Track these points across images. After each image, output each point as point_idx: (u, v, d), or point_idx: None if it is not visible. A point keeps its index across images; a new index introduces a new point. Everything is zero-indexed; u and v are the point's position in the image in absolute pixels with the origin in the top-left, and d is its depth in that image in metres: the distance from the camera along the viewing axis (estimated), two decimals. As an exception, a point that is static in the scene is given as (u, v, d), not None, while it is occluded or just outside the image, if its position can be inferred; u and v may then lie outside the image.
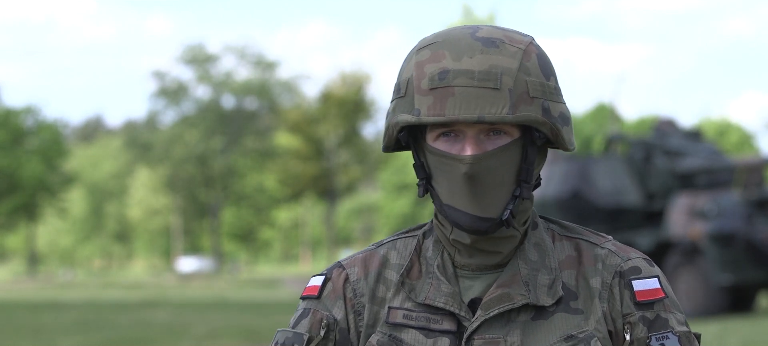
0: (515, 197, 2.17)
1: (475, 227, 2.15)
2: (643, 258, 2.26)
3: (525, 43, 2.17)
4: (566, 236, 2.29)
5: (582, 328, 2.19)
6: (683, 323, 2.22)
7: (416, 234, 2.31)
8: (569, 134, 2.21)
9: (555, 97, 2.18)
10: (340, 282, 2.29)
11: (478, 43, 2.13)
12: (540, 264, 2.22)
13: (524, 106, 2.12)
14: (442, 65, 2.12)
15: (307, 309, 2.29)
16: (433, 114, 2.11)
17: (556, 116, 2.17)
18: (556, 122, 2.16)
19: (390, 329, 2.23)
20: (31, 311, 29.59)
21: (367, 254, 2.32)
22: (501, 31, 2.18)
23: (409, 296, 2.23)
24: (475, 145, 2.13)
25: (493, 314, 2.18)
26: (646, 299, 2.21)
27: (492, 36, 2.15)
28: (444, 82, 2.11)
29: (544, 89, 2.16)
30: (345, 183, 74.97)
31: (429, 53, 2.15)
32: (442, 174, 2.16)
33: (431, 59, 2.14)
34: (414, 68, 2.15)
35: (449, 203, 2.16)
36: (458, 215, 2.15)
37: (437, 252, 2.25)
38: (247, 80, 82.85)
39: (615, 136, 26.74)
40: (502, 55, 2.13)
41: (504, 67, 2.12)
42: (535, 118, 2.13)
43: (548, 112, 2.15)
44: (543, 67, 2.17)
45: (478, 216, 2.14)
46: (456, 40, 2.15)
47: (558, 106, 2.18)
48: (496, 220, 2.16)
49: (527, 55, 2.15)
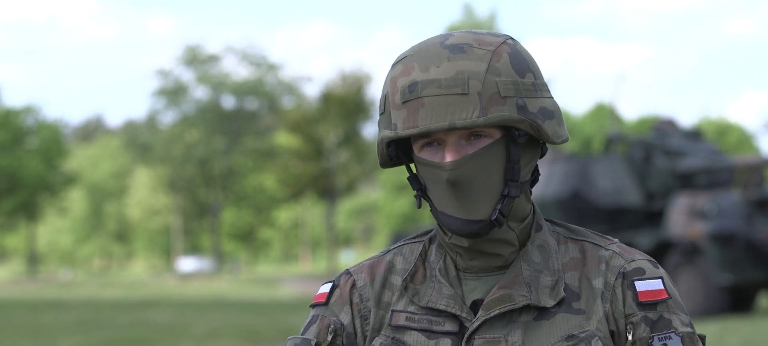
0: (504, 197, 2.19)
1: (466, 231, 2.18)
2: (647, 260, 2.26)
3: (495, 44, 2.18)
4: (571, 239, 2.30)
5: (583, 328, 2.20)
6: (687, 325, 2.22)
7: (422, 240, 2.35)
8: (554, 127, 2.21)
9: (532, 93, 2.18)
10: (347, 288, 2.34)
11: (446, 51, 2.16)
12: (543, 266, 2.24)
13: (496, 107, 2.13)
14: (412, 78, 2.16)
15: (315, 316, 2.34)
16: (408, 127, 2.15)
17: (535, 112, 2.17)
18: (535, 118, 2.17)
19: (393, 331, 2.27)
20: (31, 311, 29.59)
21: (375, 261, 2.36)
22: (472, 35, 2.19)
23: (412, 299, 2.27)
24: (454, 151, 2.16)
25: (494, 314, 2.20)
26: (649, 299, 2.21)
27: (460, 42, 2.17)
28: (414, 94, 2.15)
29: (518, 87, 2.16)
30: (345, 183, 74.98)
31: (401, 68, 2.19)
32: (430, 183, 2.20)
33: (402, 73, 2.17)
34: (389, 84, 2.20)
35: (441, 209, 2.20)
36: (450, 221, 2.19)
37: (440, 256, 2.29)
38: (246, 80, 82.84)
39: (615, 136, 26.74)
40: (469, 59, 2.15)
41: (471, 72, 2.14)
42: (508, 118, 2.14)
43: (524, 109, 2.16)
44: (516, 65, 2.18)
45: (467, 219, 2.17)
46: (425, 51, 2.18)
47: (536, 102, 2.18)
48: (486, 221, 2.18)
49: (497, 55, 2.17)
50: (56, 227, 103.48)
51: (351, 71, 74.45)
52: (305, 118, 73.98)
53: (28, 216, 78.13)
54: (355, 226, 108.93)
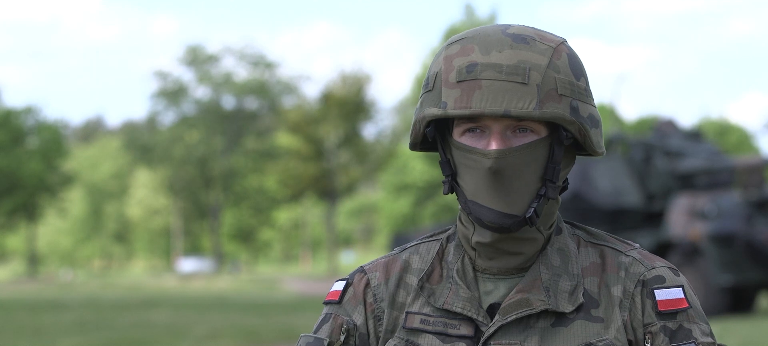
0: (540, 196, 2.14)
1: (499, 223, 2.12)
2: (668, 267, 2.22)
3: (556, 43, 2.15)
4: (591, 243, 2.25)
5: (601, 336, 2.16)
6: (708, 334, 2.18)
7: (440, 238, 2.29)
8: (598, 137, 2.18)
9: (584, 98, 2.15)
10: (360, 287, 2.29)
11: (508, 39, 2.12)
12: (562, 270, 2.19)
13: (552, 103, 2.10)
14: (471, 59, 2.10)
15: (328, 314, 2.29)
16: (460, 107, 2.09)
17: (585, 117, 2.15)
18: (584, 123, 2.14)
19: (407, 334, 2.22)
20: (31, 312, 29.57)
21: (390, 259, 2.30)
22: (532, 29, 2.17)
23: (428, 300, 2.22)
24: (500, 140, 2.11)
25: (511, 320, 2.15)
26: (668, 308, 2.17)
27: (523, 33, 2.14)
28: (471, 75, 2.09)
29: (574, 88, 2.13)
30: (345, 184, 74.95)
31: (458, 48, 2.14)
32: (466, 169, 2.14)
33: (460, 53, 2.12)
34: (442, 62, 2.14)
35: (474, 199, 2.13)
36: (482, 211, 2.13)
37: (458, 256, 2.23)
38: (247, 80, 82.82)
39: (615, 137, 26.73)
40: (531, 51, 2.11)
41: (533, 63, 2.10)
42: (562, 116, 2.11)
43: (577, 111, 2.13)
44: (573, 67, 2.15)
45: (502, 212, 2.12)
46: (486, 36, 2.13)
47: (587, 108, 2.16)
48: (520, 217, 2.13)
49: (558, 53, 2.14)
50: (56, 228, 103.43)
51: (351, 72, 74.44)
52: (306, 118, 73.94)
53: (28, 216, 78.11)
54: (356, 226, 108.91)
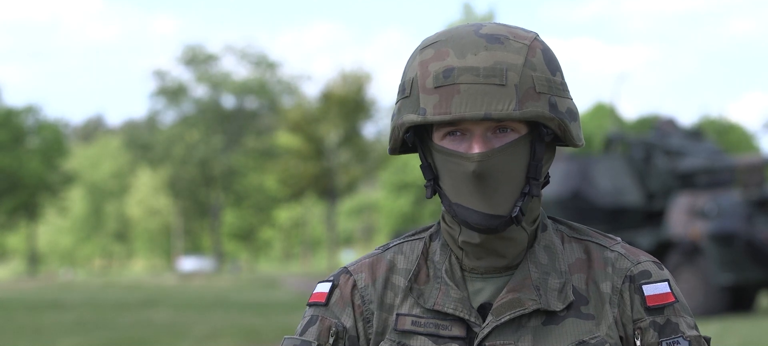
0: (524, 194, 2.14)
1: (485, 225, 2.11)
2: (652, 261, 2.23)
3: (529, 39, 2.14)
4: (575, 238, 2.26)
5: (593, 333, 2.17)
6: (693, 327, 2.21)
7: (423, 237, 2.28)
8: (577, 130, 2.18)
9: (562, 92, 2.15)
10: (347, 289, 2.26)
11: (482, 40, 2.10)
12: (550, 267, 2.19)
13: (531, 102, 2.09)
14: (447, 63, 2.09)
15: (315, 316, 2.26)
16: (439, 113, 2.08)
17: (564, 112, 2.14)
18: (563, 118, 2.14)
19: (399, 336, 2.20)
20: (31, 311, 29.58)
21: (374, 259, 2.28)
22: (505, 27, 2.15)
23: (417, 301, 2.20)
24: (482, 143, 2.10)
25: (504, 320, 2.15)
26: (656, 303, 2.19)
27: (496, 32, 2.12)
28: (449, 79, 2.08)
29: (551, 85, 2.12)
30: (345, 183, 74.93)
31: (433, 52, 2.12)
32: (449, 173, 2.13)
33: (435, 57, 2.11)
34: (418, 67, 2.12)
35: (458, 201, 2.13)
36: (468, 213, 2.12)
37: (445, 256, 2.22)
38: (246, 80, 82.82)
39: (615, 136, 26.73)
40: (506, 51, 2.10)
41: (509, 63, 2.09)
42: (542, 114, 2.10)
43: (555, 107, 2.12)
44: (548, 62, 2.14)
45: (488, 214, 2.11)
46: (459, 38, 2.12)
47: (565, 102, 2.15)
48: (507, 217, 2.12)
49: (532, 50, 2.12)
50: (56, 227, 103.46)
51: (351, 71, 74.41)
52: (305, 117, 73.91)
53: (29, 216, 78.12)
54: (356, 226, 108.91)
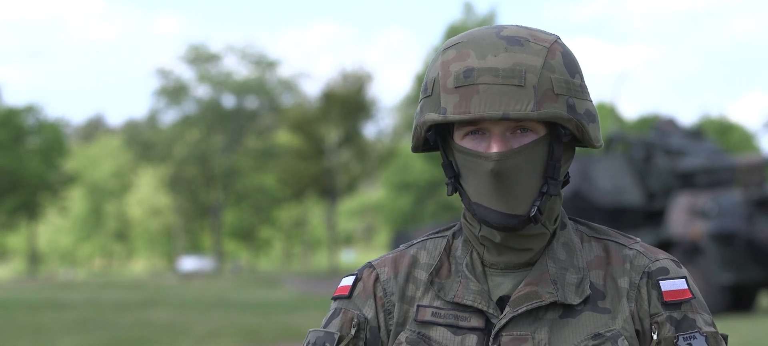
0: (542, 194, 2.19)
1: (504, 224, 2.17)
2: (671, 259, 2.28)
3: (550, 42, 2.19)
4: (595, 238, 2.31)
5: (609, 327, 2.21)
6: (710, 324, 2.25)
7: (446, 234, 2.34)
8: (595, 131, 2.23)
9: (580, 94, 2.20)
10: (370, 282, 2.33)
11: (503, 42, 2.16)
12: (568, 263, 2.25)
13: (549, 103, 2.14)
14: (467, 64, 2.15)
15: (338, 309, 2.33)
16: (459, 112, 2.14)
17: (582, 113, 2.19)
18: (581, 119, 2.18)
19: (419, 326, 2.26)
20: (31, 311, 29.57)
21: (397, 255, 2.35)
22: (526, 30, 2.20)
23: (438, 294, 2.26)
24: (501, 142, 2.15)
25: (521, 312, 2.20)
26: (673, 299, 2.23)
27: (516, 35, 2.18)
28: (469, 80, 2.14)
29: (569, 86, 2.17)
30: (346, 182, 74.91)
31: (454, 53, 2.18)
32: (469, 172, 2.19)
33: (456, 58, 2.16)
34: (440, 68, 2.18)
35: (477, 200, 2.19)
36: (487, 213, 2.18)
37: (466, 251, 2.28)
38: (247, 79, 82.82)
39: (616, 136, 26.74)
40: (526, 53, 2.15)
41: (528, 65, 2.14)
42: (560, 115, 2.15)
43: (573, 109, 2.17)
44: (568, 64, 2.19)
45: (506, 213, 2.17)
46: (480, 39, 2.17)
47: (584, 104, 2.20)
48: (524, 217, 2.18)
49: (552, 52, 2.18)
50: (57, 227, 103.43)
51: (352, 70, 74.40)
52: (306, 117, 73.86)
53: (29, 215, 78.10)
54: (356, 225, 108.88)
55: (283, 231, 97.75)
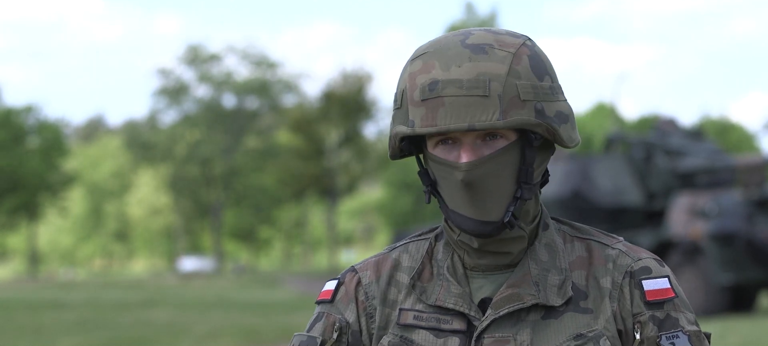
0: (517, 199, 2.19)
1: (479, 231, 2.18)
2: (653, 258, 2.27)
3: (516, 46, 2.18)
4: (577, 237, 2.31)
5: (591, 327, 2.21)
6: (693, 323, 2.24)
7: (428, 237, 2.35)
8: (569, 132, 2.22)
9: (550, 96, 2.18)
10: (352, 286, 2.34)
11: (467, 51, 2.15)
12: (550, 265, 2.25)
13: (515, 110, 2.14)
14: (432, 76, 2.15)
15: (321, 313, 2.34)
16: (426, 125, 2.14)
17: (552, 116, 2.18)
18: (551, 122, 2.17)
19: (401, 330, 2.27)
20: (31, 311, 29.58)
21: (380, 258, 2.36)
22: (492, 35, 2.19)
23: (420, 298, 2.27)
24: (470, 151, 2.15)
25: (503, 313, 2.20)
26: (656, 298, 2.23)
27: (481, 42, 2.17)
28: (434, 92, 2.14)
29: (537, 91, 2.16)
30: (346, 182, 74.92)
31: (420, 64, 2.18)
32: (442, 180, 2.20)
33: (422, 70, 2.17)
34: (407, 80, 2.19)
35: (453, 208, 2.19)
36: (462, 220, 2.18)
37: (447, 254, 2.28)
38: (248, 79, 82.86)
39: (615, 136, 26.74)
40: (490, 61, 2.14)
41: (492, 74, 2.13)
42: (527, 122, 2.14)
43: (542, 113, 2.16)
44: (535, 68, 2.18)
45: (480, 220, 2.17)
46: (446, 49, 2.17)
47: (553, 106, 2.19)
48: (499, 223, 2.18)
49: (517, 58, 2.16)
50: (57, 227, 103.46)
51: (352, 70, 74.42)
52: (306, 117, 73.89)
53: (29, 216, 78.12)
54: (356, 225, 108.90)
55: (283, 231, 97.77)
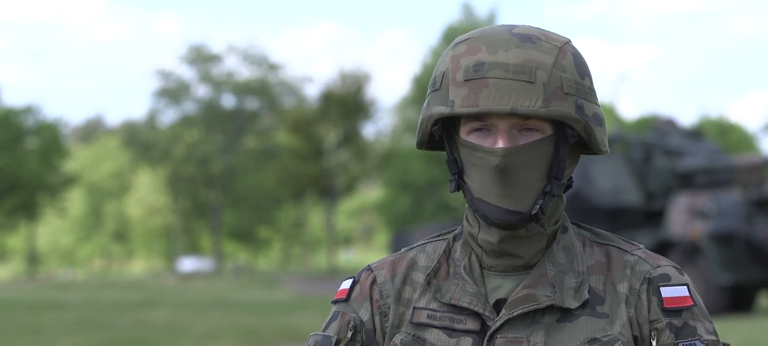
0: (546, 193, 2.18)
1: (505, 220, 2.16)
2: (673, 266, 2.26)
3: (561, 42, 2.19)
4: (597, 243, 2.29)
5: (606, 332, 2.19)
6: (712, 333, 2.22)
7: (446, 238, 2.34)
8: (602, 135, 2.22)
9: (589, 97, 2.19)
10: (367, 284, 2.33)
11: (514, 39, 2.15)
12: (568, 267, 2.23)
13: (558, 101, 2.13)
14: (478, 58, 2.14)
15: (336, 312, 2.34)
16: (467, 105, 2.13)
17: (590, 115, 2.18)
18: (589, 121, 2.18)
19: (414, 328, 2.26)
20: (30, 311, 29.57)
21: (397, 258, 2.35)
22: (538, 29, 2.21)
23: (435, 296, 2.26)
24: (507, 138, 2.14)
25: (517, 314, 2.19)
26: (674, 306, 2.20)
27: (528, 33, 2.18)
28: (479, 73, 2.13)
29: (579, 87, 2.17)
30: (345, 183, 74.93)
31: (465, 47, 2.17)
32: (473, 168, 2.18)
33: (467, 52, 2.16)
34: (450, 62, 2.17)
35: (480, 196, 2.17)
36: (489, 209, 2.16)
37: (465, 253, 2.27)
38: (247, 80, 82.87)
39: (615, 136, 26.74)
40: (537, 50, 2.15)
41: (539, 62, 2.14)
42: (568, 114, 2.14)
43: (582, 110, 2.17)
44: (578, 66, 2.19)
45: (508, 209, 2.15)
46: (492, 35, 2.17)
47: (592, 106, 2.20)
48: (526, 214, 2.17)
49: (563, 53, 2.18)
50: (56, 227, 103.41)
51: (351, 71, 74.44)
52: (305, 118, 73.91)
53: (28, 216, 78.08)
54: (355, 226, 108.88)
55: (283, 231, 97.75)
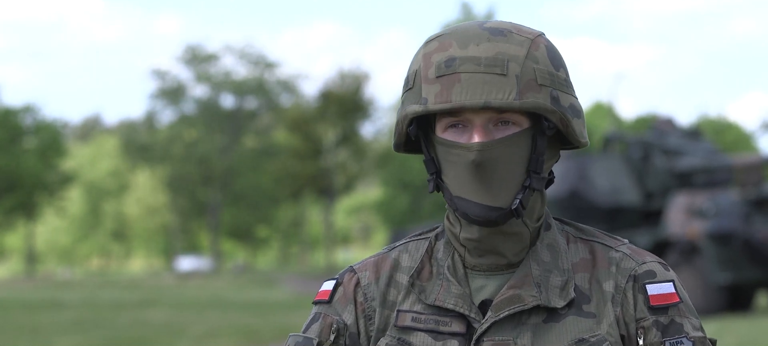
0: (525, 188, 2.14)
1: (485, 217, 2.12)
2: (658, 262, 2.22)
3: (533, 35, 2.16)
4: (581, 239, 2.26)
5: (594, 332, 2.16)
6: (698, 329, 2.19)
7: (428, 236, 2.29)
8: (580, 127, 2.18)
9: (564, 88, 2.16)
10: (350, 287, 2.28)
11: (486, 32, 2.13)
12: (552, 265, 2.20)
13: (532, 93, 2.10)
14: (449, 53, 2.12)
15: (318, 314, 2.28)
16: (440, 101, 2.10)
17: (566, 107, 2.15)
18: (566, 112, 2.14)
19: (399, 332, 2.21)
20: (29, 311, 29.57)
21: (379, 258, 2.30)
22: (509, 23, 2.18)
23: (419, 297, 2.21)
24: (483, 133, 2.11)
25: (504, 316, 2.15)
26: (660, 303, 2.17)
27: (500, 26, 2.15)
28: (450, 69, 2.10)
29: (553, 79, 2.14)
30: (343, 182, 74.94)
31: (436, 44, 2.15)
32: (450, 165, 2.14)
33: (438, 49, 2.13)
34: (422, 59, 2.15)
35: (459, 194, 2.14)
36: (468, 206, 2.13)
37: (448, 253, 2.23)
38: (245, 79, 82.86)
39: (613, 136, 26.75)
40: (509, 43, 2.12)
41: (511, 55, 2.11)
42: (543, 106, 2.11)
43: (557, 101, 2.13)
44: (552, 57, 2.16)
45: (487, 205, 2.12)
46: (463, 31, 2.15)
47: (568, 98, 2.16)
48: (506, 209, 2.13)
49: (535, 44, 2.14)
50: (54, 226, 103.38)
51: (349, 70, 74.43)
52: (304, 117, 73.91)
53: (27, 215, 78.07)
54: (354, 225, 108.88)
55: (281, 231, 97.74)
